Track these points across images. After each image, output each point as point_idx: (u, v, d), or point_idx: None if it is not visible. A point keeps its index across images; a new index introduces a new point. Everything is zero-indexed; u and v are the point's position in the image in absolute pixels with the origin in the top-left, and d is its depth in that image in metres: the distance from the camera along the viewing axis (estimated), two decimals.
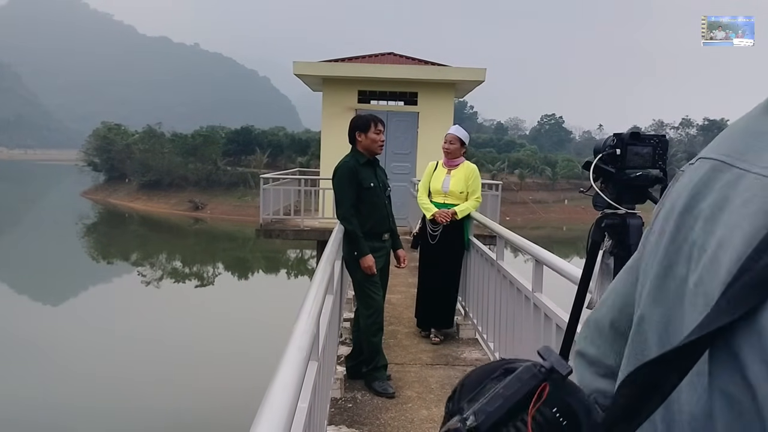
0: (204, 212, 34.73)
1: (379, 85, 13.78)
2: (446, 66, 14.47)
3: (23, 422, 9.25)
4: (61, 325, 14.77)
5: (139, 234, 31.90)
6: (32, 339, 13.11)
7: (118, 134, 42.51)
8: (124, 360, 11.81)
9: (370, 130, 4.22)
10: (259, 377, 3.57)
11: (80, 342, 13.05)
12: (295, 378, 1.38)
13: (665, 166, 1.44)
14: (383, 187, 4.37)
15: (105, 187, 42.77)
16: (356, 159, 4.25)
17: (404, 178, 13.14)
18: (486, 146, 54.62)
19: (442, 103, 13.86)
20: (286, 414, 1.17)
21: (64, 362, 11.63)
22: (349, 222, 4.15)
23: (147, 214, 35.76)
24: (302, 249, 25.66)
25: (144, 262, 24.79)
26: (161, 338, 13.42)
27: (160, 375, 11.15)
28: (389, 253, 4.49)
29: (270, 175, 13.07)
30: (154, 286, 20.28)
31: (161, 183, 37.37)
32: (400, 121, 13.70)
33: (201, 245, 29.01)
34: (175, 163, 37.12)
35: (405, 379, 4.42)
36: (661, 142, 1.44)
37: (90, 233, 31.39)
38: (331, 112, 13.57)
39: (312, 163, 31.39)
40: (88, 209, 38.44)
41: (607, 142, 1.55)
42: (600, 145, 1.56)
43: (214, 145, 38.17)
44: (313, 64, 13.99)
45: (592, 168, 1.51)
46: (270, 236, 12.22)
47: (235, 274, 23.80)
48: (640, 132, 1.46)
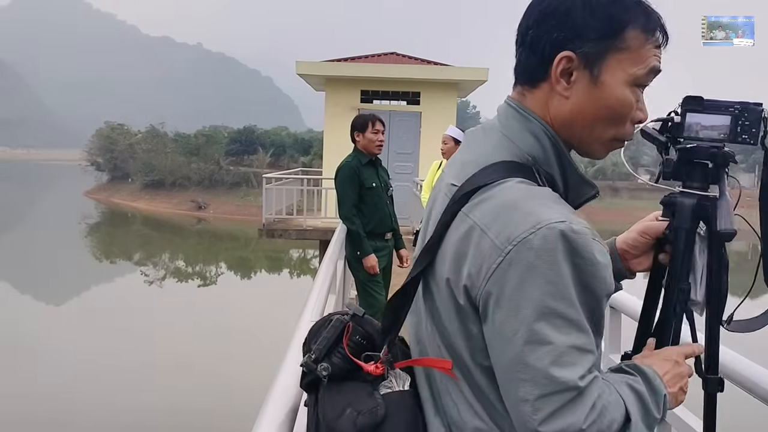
0: (207, 212, 34.73)
1: (382, 84, 13.77)
2: (449, 66, 14.47)
3: (24, 420, 9.27)
4: (63, 325, 14.78)
5: (142, 233, 31.92)
6: (35, 338, 13.13)
7: (121, 134, 42.52)
8: (124, 360, 11.82)
9: (367, 130, 4.22)
10: (261, 377, 3.58)
11: (82, 341, 13.07)
12: (297, 377, 1.38)
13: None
14: (385, 187, 4.38)
15: (108, 186, 42.79)
16: (358, 159, 4.25)
17: (407, 177, 13.12)
18: None
19: (444, 102, 13.85)
20: (288, 414, 1.18)
21: (65, 362, 11.64)
22: (352, 222, 4.16)
23: (150, 213, 35.77)
24: (305, 249, 25.63)
25: (147, 261, 24.80)
26: (162, 337, 13.43)
27: (162, 373, 11.16)
28: (392, 253, 4.50)
29: (273, 175, 13.08)
30: (157, 285, 20.30)
31: (164, 183, 37.37)
32: (403, 120, 13.69)
33: (204, 245, 29.02)
34: (178, 163, 37.12)
35: None
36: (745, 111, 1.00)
37: (93, 233, 31.42)
38: (334, 111, 13.57)
39: (315, 163, 31.38)
40: (91, 209, 38.46)
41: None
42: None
43: (217, 145, 38.18)
44: (315, 64, 14.00)
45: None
46: (272, 236, 12.22)
47: (238, 273, 23.81)
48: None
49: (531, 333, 0.79)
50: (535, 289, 0.79)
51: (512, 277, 0.80)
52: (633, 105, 0.91)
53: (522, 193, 0.86)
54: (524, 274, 0.79)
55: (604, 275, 0.83)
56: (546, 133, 0.93)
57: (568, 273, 0.79)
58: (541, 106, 0.94)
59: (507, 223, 0.82)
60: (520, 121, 0.95)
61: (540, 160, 0.93)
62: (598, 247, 0.82)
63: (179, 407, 9.85)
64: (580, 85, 0.90)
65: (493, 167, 0.91)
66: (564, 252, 0.79)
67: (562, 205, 0.87)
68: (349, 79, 13.64)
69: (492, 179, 0.89)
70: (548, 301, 0.78)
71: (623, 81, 0.90)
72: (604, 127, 0.93)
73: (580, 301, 0.80)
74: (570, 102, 0.91)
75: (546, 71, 0.92)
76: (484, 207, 0.86)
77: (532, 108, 0.95)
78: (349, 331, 0.96)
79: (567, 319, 0.79)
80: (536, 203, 0.83)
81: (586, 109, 0.91)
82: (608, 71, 0.89)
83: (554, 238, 0.79)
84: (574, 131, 0.94)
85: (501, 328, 0.82)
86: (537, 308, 0.79)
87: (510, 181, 0.88)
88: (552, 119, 0.94)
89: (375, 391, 0.92)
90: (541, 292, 0.79)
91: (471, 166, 0.93)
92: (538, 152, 0.93)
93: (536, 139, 0.93)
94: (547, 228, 0.79)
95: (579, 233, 0.80)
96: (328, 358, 0.94)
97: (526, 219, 0.81)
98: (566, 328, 0.79)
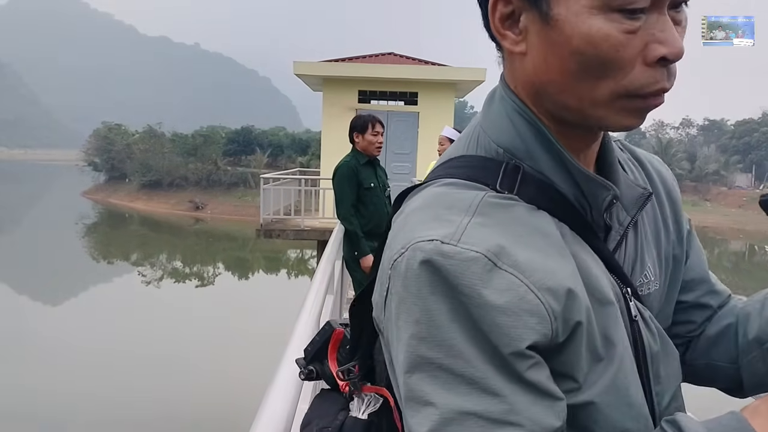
0: (204, 212, 34.72)
1: (380, 85, 13.78)
2: (446, 66, 14.47)
3: (22, 419, 9.26)
4: (60, 325, 14.76)
5: (140, 234, 31.89)
6: (32, 338, 13.11)
7: (119, 134, 42.51)
8: (124, 358, 11.81)
9: (367, 132, 4.22)
10: (258, 377, 3.57)
11: (79, 341, 13.04)
12: (295, 378, 1.38)
13: None
14: (383, 187, 4.37)
15: (105, 187, 42.75)
16: (356, 159, 4.25)
17: (404, 178, 13.12)
18: None
19: (442, 103, 13.86)
20: (285, 415, 1.17)
21: (64, 361, 11.63)
22: (350, 222, 4.15)
23: (147, 214, 35.74)
24: (302, 249, 25.64)
25: (144, 262, 24.77)
26: (161, 337, 13.42)
27: (160, 373, 11.15)
28: None
29: (270, 175, 13.09)
30: (155, 286, 20.27)
31: (161, 183, 37.35)
32: (401, 121, 13.70)
33: (201, 245, 28.99)
34: (176, 163, 37.11)
35: None
36: None
37: (90, 233, 31.38)
38: (332, 112, 13.57)
39: (312, 163, 31.37)
40: (88, 209, 38.42)
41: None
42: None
43: (215, 145, 38.17)
44: (313, 64, 13.99)
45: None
46: (270, 236, 12.22)
47: (236, 274, 23.80)
48: None
49: (406, 388, 0.59)
50: (404, 330, 0.59)
51: (388, 310, 0.62)
52: (618, 40, 0.60)
53: (426, 200, 0.66)
54: (397, 308, 0.60)
55: (499, 322, 0.56)
56: (518, 110, 0.69)
57: (444, 311, 0.57)
58: (510, 77, 0.70)
59: (393, 242, 0.64)
60: (490, 103, 0.73)
61: (517, 152, 0.68)
62: (494, 281, 0.57)
63: (176, 407, 9.85)
64: (532, 31, 0.64)
65: (443, 165, 0.73)
66: (431, 283, 0.58)
67: (486, 216, 0.62)
68: (347, 79, 13.64)
69: (426, 181, 0.71)
70: (420, 348, 0.58)
71: (585, 9, 0.60)
72: (589, 83, 0.62)
73: (479, 350, 0.57)
74: (529, 58, 0.65)
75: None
76: (397, 219, 0.68)
77: (508, 83, 0.71)
78: (339, 339, 0.86)
79: (453, 373, 0.57)
80: (429, 214, 0.63)
81: (551, 62, 0.63)
82: (560, 2, 0.61)
83: (416, 264, 0.58)
84: (552, 98, 0.66)
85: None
86: (408, 355, 0.59)
87: (437, 182, 0.69)
88: (521, 89, 0.69)
89: (343, 410, 0.80)
90: (409, 335, 0.59)
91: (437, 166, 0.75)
92: (512, 140, 0.69)
93: (510, 122, 0.69)
94: (411, 249, 0.59)
95: (454, 258, 0.57)
96: (316, 362, 0.87)
97: (404, 236, 0.62)
98: (454, 384, 0.57)
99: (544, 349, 0.58)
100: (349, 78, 13.63)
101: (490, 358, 0.57)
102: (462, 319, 0.57)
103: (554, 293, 0.58)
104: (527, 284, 0.57)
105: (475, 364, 0.57)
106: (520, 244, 0.60)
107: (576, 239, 0.67)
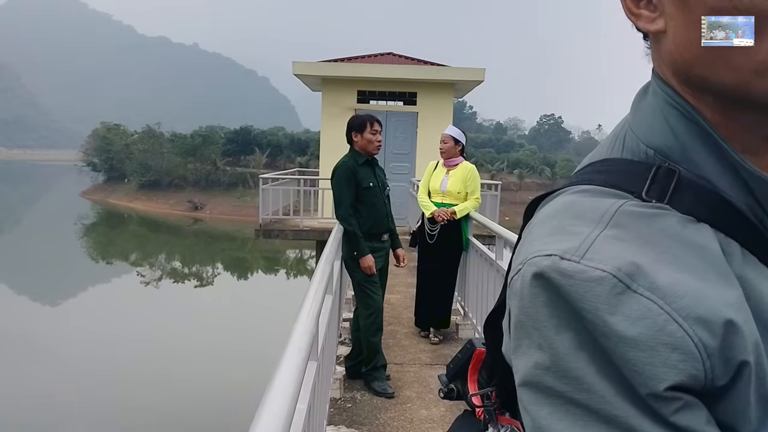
0: (203, 212, 34.70)
1: (379, 85, 13.77)
2: (445, 66, 14.46)
3: (21, 420, 9.24)
4: (59, 326, 14.75)
5: (138, 234, 31.86)
6: (31, 339, 13.09)
7: (117, 134, 42.48)
8: (123, 359, 11.80)
9: (365, 131, 4.20)
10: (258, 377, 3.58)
11: (78, 342, 13.04)
12: (294, 378, 1.38)
13: None
14: (382, 187, 4.36)
15: (104, 187, 42.72)
16: (355, 159, 4.23)
17: (403, 178, 13.14)
18: (485, 146, 54.69)
19: (441, 103, 13.85)
20: (285, 415, 1.17)
21: (63, 362, 11.62)
22: (349, 222, 4.14)
23: (146, 214, 35.72)
24: (301, 249, 25.65)
25: (143, 262, 24.77)
26: (160, 338, 13.41)
27: (159, 374, 11.15)
28: (388, 254, 4.48)
29: (269, 175, 13.07)
30: (153, 286, 20.27)
31: (160, 183, 37.34)
32: (400, 121, 13.70)
33: (200, 245, 28.98)
34: (175, 163, 37.09)
35: (404, 379, 4.42)
36: None
37: (89, 233, 31.35)
38: (331, 112, 13.56)
39: (311, 163, 31.39)
40: (87, 209, 38.39)
41: None
42: None
43: (214, 145, 38.14)
44: (312, 64, 13.98)
45: None
46: (269, 236, 12.21)
47: (235, 274, 23.80)
48: None
49: (534, 425, 0.51)
50: (527, 358, 0.51)
51: (510, 335, 0.55)
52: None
53: (554, 209, 0.57)
54: (516, 332, 0.53)
55: (630, 358, 0.46)
56: (670, 102, 0.56)
57: (567, 338, 0.48)
58: (658, 65, 0.58)
59: (514, 259, 0.57)
60: (642, 98, 0.61)
61: (672, 153, 0.56)
62: (625, 307, 0.46)
63: (175, 407, 9.84)
64: (667, 2, 0.53)
65: (581, 171, 0.62)
66: (548, 304, 0.50)
67: (622, 228, 0.51)
68: (346, 79, 13.64)
69: (562, 187, 0.61)
70: (546, 379, 0.49)
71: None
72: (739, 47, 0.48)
73: (612, 384, 0.47)
74: (669, 36, 0.54)
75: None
76: (523, 232, 0.60)
77: (658, 74, 0.59)
78: (481, 359, 0.81)
79: (588, 409, 0.47)
80: (553, 226, 0.54)
81: (694, 33, 0.51)
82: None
83: (529, 283, 0.51)
84: (704, 80, 0.53)
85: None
86: (532, 386, 0.51)
87: (571, 189, 0.59)
88: (671, 78, 0.57)
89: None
90: (533, 364, 0.51)
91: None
92: (665, 139, 0.56)
93: (662, 117, 0.57)
94: (527, 265, 0.52)
95: (573, 278, 0.48)
96: (458, 381, 0.85)
97: (523, 252, 0.54)
98: (590, 422, 0.47)
99: (698, 395, 0.47)
100: (348, 78, 13.62)
101: (626, 393, 0.46)
102: (590, 347, 0.47)
103: (707, 324, 0.46)
104: (668, 311, 0.46)
105: (610, 400, 0.47)
106: (664, 262, 0.48)
107: (748, 259, 0.53)
